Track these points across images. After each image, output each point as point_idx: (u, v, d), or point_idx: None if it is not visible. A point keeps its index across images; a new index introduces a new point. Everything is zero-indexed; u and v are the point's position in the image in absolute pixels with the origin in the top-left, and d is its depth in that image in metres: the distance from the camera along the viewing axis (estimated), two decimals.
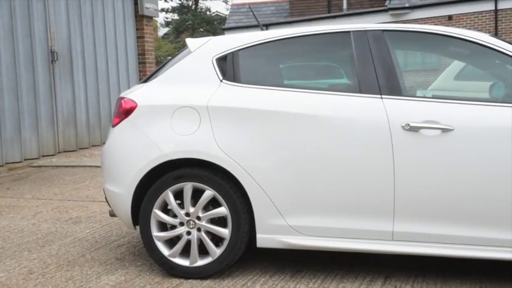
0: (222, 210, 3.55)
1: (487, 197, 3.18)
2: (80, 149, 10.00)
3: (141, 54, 11.52)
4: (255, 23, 17.71)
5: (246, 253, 3.77)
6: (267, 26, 19.06)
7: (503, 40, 3.47)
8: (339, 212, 3.40)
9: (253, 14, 4.68)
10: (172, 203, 3.62)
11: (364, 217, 3.37)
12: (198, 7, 41.47)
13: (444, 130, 3.21)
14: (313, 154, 3.41)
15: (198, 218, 3.60)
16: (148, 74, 5.19)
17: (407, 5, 18.20)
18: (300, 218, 3.46)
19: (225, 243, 3.56)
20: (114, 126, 3.86)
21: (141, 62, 11.53)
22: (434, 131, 3.23)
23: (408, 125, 3.26)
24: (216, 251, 3.58)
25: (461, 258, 3.39)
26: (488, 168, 3.16)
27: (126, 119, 3.77)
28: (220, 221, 3.60)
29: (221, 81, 3.67)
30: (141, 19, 11.42)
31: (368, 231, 3.38)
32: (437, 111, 3.28)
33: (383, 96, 3.38)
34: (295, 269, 3.76)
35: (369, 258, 3.81)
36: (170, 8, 41.42)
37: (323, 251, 3.64)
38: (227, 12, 32.86)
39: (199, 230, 3.60)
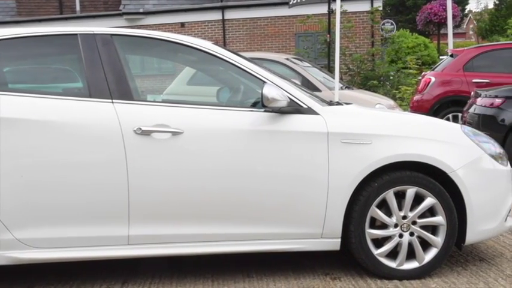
0: None
1: (216, 194, 3.36)
2: None
3: None
4: None
5: None
6: None
7: (225, 48, 3.73)
8: (72, 221, 3.28)
9: None
10: None
11: (100, 224, 3.31)
12: None
13: (174, 133, 3.32)
14: (42, 162, 3.23)
15: None
16: None
17: (141, 10, 18.45)
18: (29, 230, 3.25)
19: None
20: None
21: None
22: (165, 134, 3.31)
23: (140, 129, 3.29)
24: None
25: (196, 255, 3.55)
26: (214, 169, 3.35)
27: None
28: None
29: None
30: None
31: (104, 237, 3.33)
32: (168, 115, 3.37)
33: (114, 100, 3.36)
34: (25, 285, 3.52)
35: (106, 264, 3.76)
36: None
37: (57, 263, 3.47)
38: None
39: None
